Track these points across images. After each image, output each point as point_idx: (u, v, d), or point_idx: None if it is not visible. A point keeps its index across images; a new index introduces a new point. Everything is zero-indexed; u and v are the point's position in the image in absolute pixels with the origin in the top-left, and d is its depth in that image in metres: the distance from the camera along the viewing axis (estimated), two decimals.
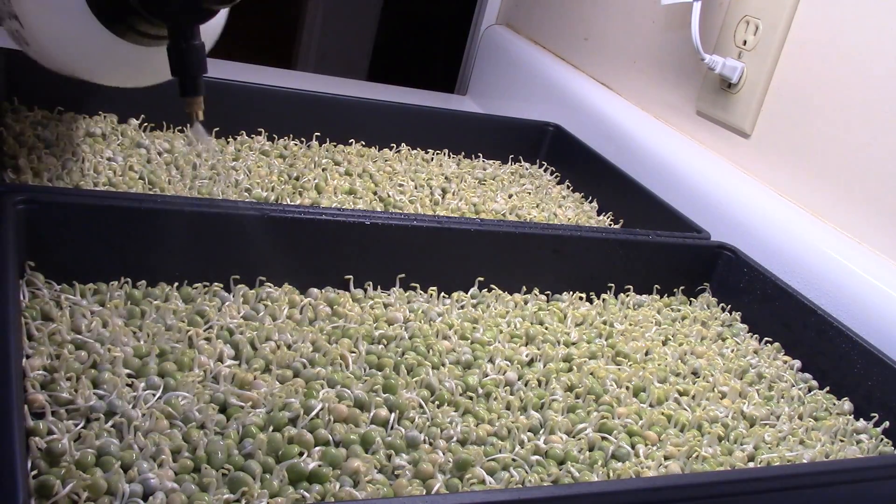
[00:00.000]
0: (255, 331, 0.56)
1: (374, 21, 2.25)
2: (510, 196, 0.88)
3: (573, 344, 0.64)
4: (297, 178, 0.79)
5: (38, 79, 0.78)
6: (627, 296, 0.73)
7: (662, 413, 0.58)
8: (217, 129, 0.83)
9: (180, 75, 0.51)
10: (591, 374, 0.61)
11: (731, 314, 0.75)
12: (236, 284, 0.60)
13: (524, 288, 0.70)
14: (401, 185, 0.83)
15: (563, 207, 0.89)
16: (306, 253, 0.63)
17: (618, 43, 1.08)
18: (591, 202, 0.92)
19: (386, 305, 0.63)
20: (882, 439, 0.61)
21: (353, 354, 0.56)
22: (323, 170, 0.82)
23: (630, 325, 0.69)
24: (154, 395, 0.48)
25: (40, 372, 0.46)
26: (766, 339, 0.71)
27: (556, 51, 1.21)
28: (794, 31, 0.81)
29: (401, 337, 0.59)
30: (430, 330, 0.61)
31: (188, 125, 0.89)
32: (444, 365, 0.57)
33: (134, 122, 0.81)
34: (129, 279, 0.57)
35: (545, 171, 0.99)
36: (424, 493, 0.45)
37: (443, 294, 0.67)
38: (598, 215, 0.90)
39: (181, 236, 0.59)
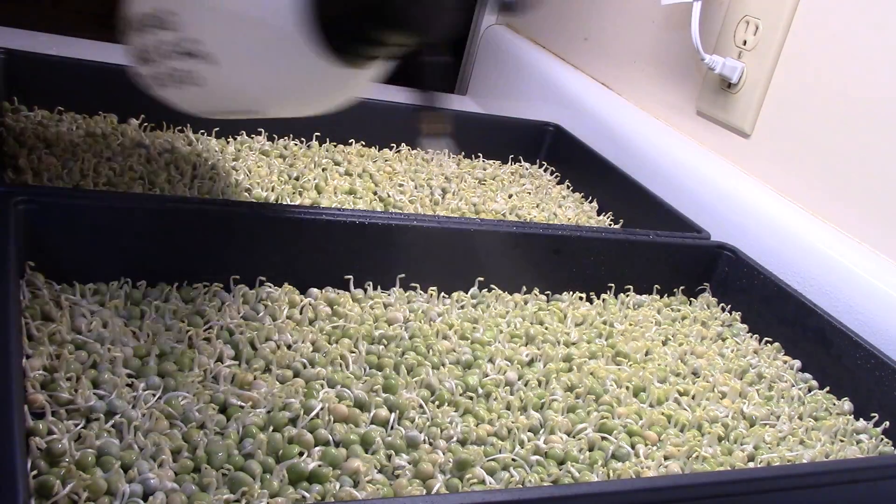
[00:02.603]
0: (255, 331, 0.56)
1: None
2: (510, 196, 0.88)
3: (573, 344, 0.64)
4: (297, 178, 0.79)
5: (38, 79, 0.78)
6: (627, 296, 0.73)
7: (662, 413, 0.58)
8: (217, 129, 0.83)
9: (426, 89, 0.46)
10: (591, 374, 0.60)
11: (731, 314, 0.75)
12: (236, 284, 0.60)
13: (524, 288, 0.70)
14: (401, 185, 0.83)
15: (563, 207, 0.89)
16: (306, 253, 0.63)
17: (618, 43, 1.08)
18: (591, 202, 0.92)
19: (386, 305, 0.63)
20: (882, 439, 0.61)
21: (353, 354, 0.56)
22: (323, 170, 0.82)
23: (630, 325, 0.69)
24: (154, 395, 0.48)
25: (40, 372, 0.46)
26: (766, 339, 0.71)
27: (556, 51, 1.21)
28: (794, 31, 0.81)
29: (401, 337, 0.59)
30: (430, 330, 0.61)
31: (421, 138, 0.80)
32: (444, 365, 0.57)
33: (134, 122, 0.80)
34: (129, 279, 0.57)
35: (545, 171, 0.99)
36: (424, 493, 0.45)
37: (443, 294, 0.67)
38: (598, 215, 0.90)
39: (181, 236, 0.59)
